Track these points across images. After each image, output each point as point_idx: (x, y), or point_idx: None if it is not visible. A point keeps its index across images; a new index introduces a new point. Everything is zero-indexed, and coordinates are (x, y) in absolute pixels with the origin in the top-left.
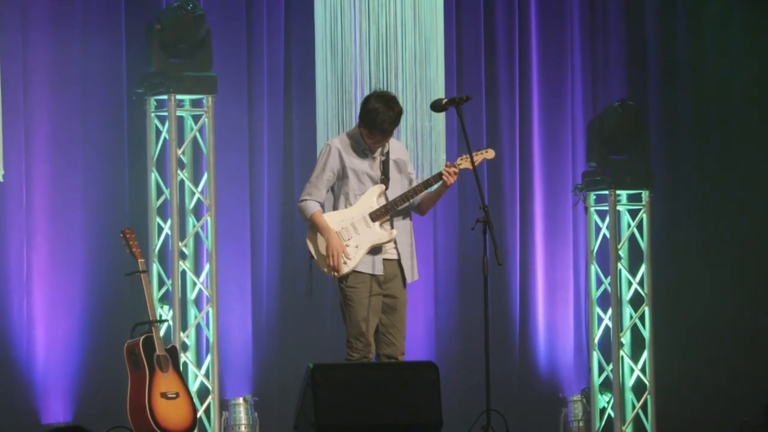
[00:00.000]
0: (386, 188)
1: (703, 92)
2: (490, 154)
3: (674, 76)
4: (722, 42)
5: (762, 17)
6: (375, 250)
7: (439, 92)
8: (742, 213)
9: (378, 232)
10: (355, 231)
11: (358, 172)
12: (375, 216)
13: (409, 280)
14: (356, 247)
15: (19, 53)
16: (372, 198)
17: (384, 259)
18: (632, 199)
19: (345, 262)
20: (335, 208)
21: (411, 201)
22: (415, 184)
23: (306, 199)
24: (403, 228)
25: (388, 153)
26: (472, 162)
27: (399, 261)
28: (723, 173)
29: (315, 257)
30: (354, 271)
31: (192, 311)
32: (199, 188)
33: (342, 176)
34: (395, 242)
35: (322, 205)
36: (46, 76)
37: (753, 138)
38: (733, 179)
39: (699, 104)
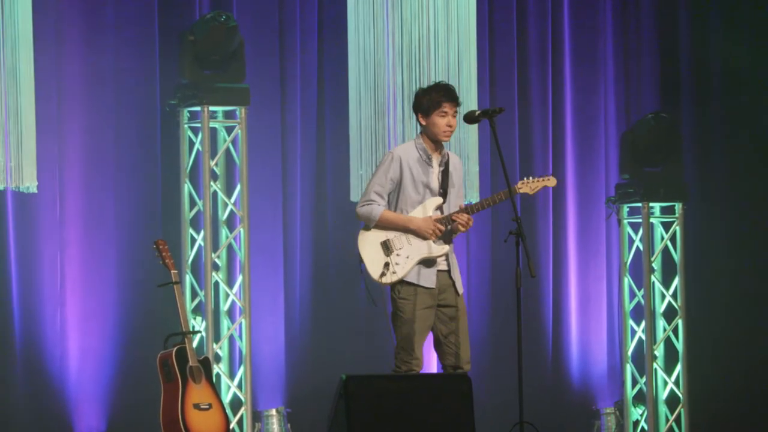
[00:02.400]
0: (444, 202)
1: (736, 104)
2: (552, 182)
3: (708, 87)
4: (757, 53)
5: None
6: (428, 263)
7: (472, 104)
8: None
9: (432, 246)
10: (408, 242)
11: (417, 182)
12: None
13: (459, 291)
14: (407, 257)
15: (53, 65)
16: (429, 210)
17: (437, 271)
18: (665, 211)
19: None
20: None
21: None
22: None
23: (369, 203)
24: (450, 241)
25: (447, 165)
26: (513, 189)
27: (449, 272)
28: (757, 185)
29: (364, 262)
30: (407, 283)
31: (225, 322)
32: (232, 199)
33: (400, 185)
34: (447, 255)
35: None
36: (79, 88)
37: None
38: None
39: (732, 116)
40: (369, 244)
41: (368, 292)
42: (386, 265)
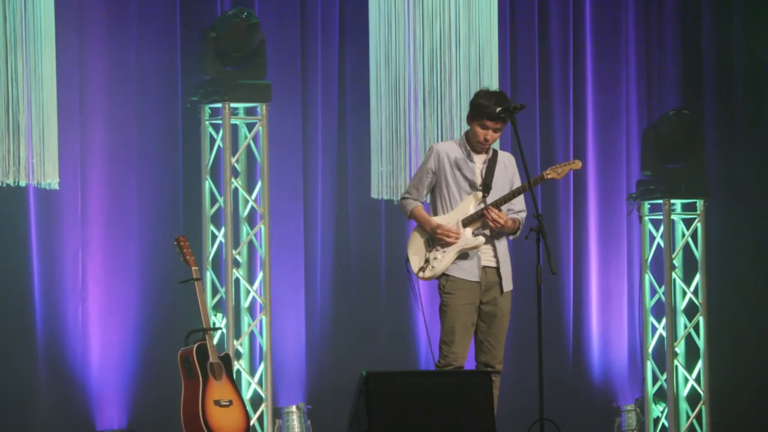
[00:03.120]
0: (485, 196)
1: (759, 100)
2: (577, 164)
3: (730, 84)
4: None
5: None
6: (470, 255)
7: None
8: None
9: (467, 238)
10: None
11: (457, 176)
12: (467, 222)
13: (505, 288)
14: (444, 252)
15: (75, 61)
16: (469, 205)
17: (484, 266)
18: (687, 208)
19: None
20: (434, 210)
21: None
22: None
23: (406, 197)
24: (500, 235)
25: (493, 162)
26: (542, 175)
27: (498, 269)
28: None
29: (409, 260)
30: (453, 277)
31: (245, 319)
32: (253, 196)
33: (442, 179)
34: (494, 250)
35: (425, 207)
36: (101, 84)
37: None
38: None
39: (755, 113)
40: (416, 244)
41: (412, 287)
42: (426, 260)
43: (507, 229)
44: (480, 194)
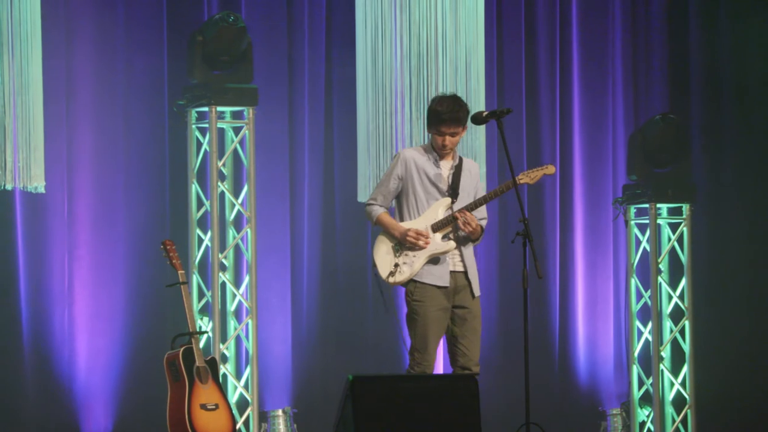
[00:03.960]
0: (453, 202)
1: (746, 105)
2: (550, 169)
3: (717, 88)
4: (766, 52)
5: None
6: (439, 260)
7: (480, 105)
8: None
9: (437, 242)
10: None
11: (424, 181)
12: (436, 227)
13: (475, 293)
14: (414, 257)
15: (62, 65)
16: (438, 210)
17: (451, 271)
18: (673, 212)
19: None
20: (400, 216)
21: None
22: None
23: (372, 204)
24: (466, 241)
25: (459, 168)
26: (514, 180)
27: (466, 273)
28: (765, 186)
29: (377, 265)
30: (420, 284)
31: (232, 323)
32: (240, 200)
33: (409, 185)
34: (462, 255)
35: (391, 212)
36: (88, 88)
37: None
38: None
39: (742, 117)
40: (382, 249)
41: (382, 296)
42: (395, 265)
43: (474, 234)
44: (449, 200)
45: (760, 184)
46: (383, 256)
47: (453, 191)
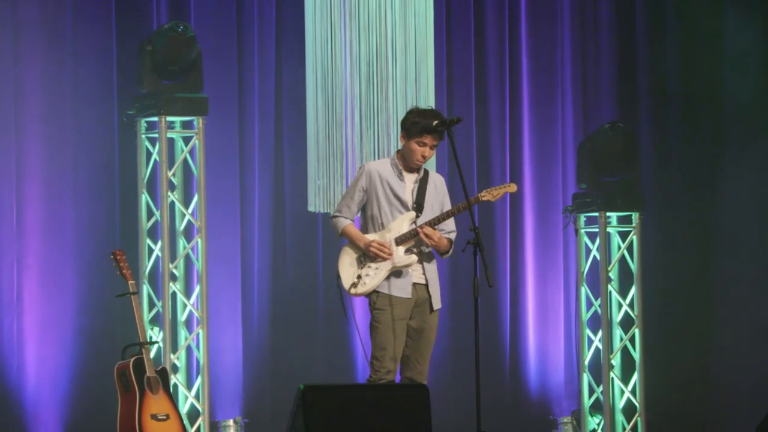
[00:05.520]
0: (418, 215)
1: (694, 113)
2: (512, 188)
3: (665, 97)
4: (713, 62)
5: (752, 35)
6: (401, 273)
7: None
8: (735, 234)
9: (399, 256)
10: None
11: (389, 194)
12: (399, 240)
13: (434, 306)
14: (377, 269)
15: (9, 74)
16: (403, 224)
17: (414, 283)
18: (622, 221)
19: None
20: (364, 229)
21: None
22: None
23: (336, 216)
24: (429, 255)
25: (425, 181)
26: (477, 197)
27: (427, 286)
28: (713, 195)
29: (340, 276)
30: (382, 294)
31: (182, 333)
32: (190, 210)
33: (374, 198)
34: (423, 268)
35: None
36: (37, 97)
37: (745, 157)
38: (725, 199)
39: (690, 126)
40: (346, 260)
41: (342, 304)
42: (358, 276)
43: (441, 247)
44: (413, 214)
45: (709, 192)
46: (347, 268)
47: (418, 205)
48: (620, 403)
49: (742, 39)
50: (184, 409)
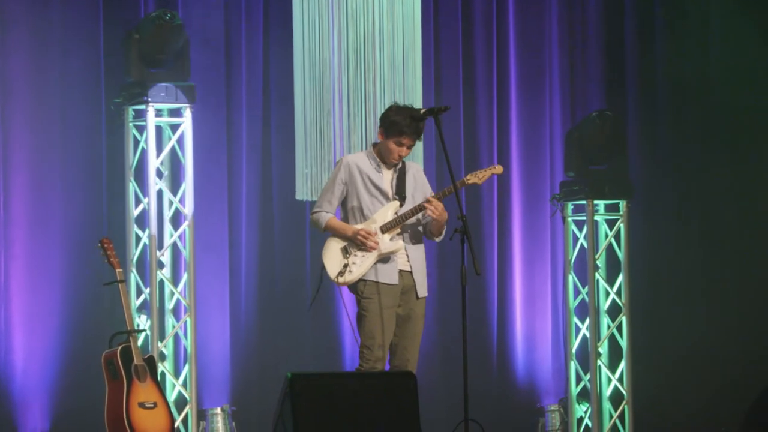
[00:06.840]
0: (401, 205)
1: (682, 101)
2: (498, 169)
3: (653, 85)
4: (701, 51)
5: (740, 25)
6: (388, 260)
7: (417, 101)
8: (721, 223)
9: (385, 243)
10: None
11: (369, 187)
12: (384, 228)
13: (420, 294)
14: (363, 257)
15: None
16: (387, 213)
17: (400, 270)
18: (610, 209)
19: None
20: (346, 222)
21: (420, 221)
22: None
23: (317, 211)
24: (416, 244)
25: (403, 171)
26: (463, 180)
27: (411, 273)
28: (701, 183)
29: (325, 267)
30: (369, 282)
31: (170, 321)
32: (177, 198)
33: (353, 189)
34: (408, 256)
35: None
36: (24, 86)
37: (733, 147)
38: (713, 189)
39: (677, 114)
40: (331, 251)
41: (315, 293)
42: (345, 266)
43: (443, 221)
44: (397, 203)
45: (696, 180)
46: (332, 258)
47: (400, 195)
48: (607, 391)
49: (731, 28)
50: (171, 397)
